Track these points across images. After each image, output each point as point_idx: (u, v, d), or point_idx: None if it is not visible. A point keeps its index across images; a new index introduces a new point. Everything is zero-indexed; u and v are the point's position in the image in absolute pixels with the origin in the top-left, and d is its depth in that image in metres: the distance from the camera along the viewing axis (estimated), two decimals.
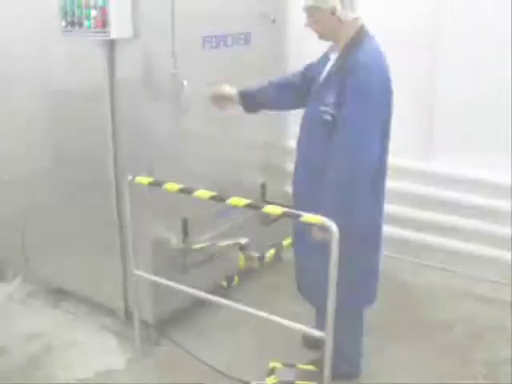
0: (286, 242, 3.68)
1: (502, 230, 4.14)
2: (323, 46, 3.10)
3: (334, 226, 2.66)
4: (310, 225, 2.85)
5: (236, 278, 4.17)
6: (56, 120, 3.76)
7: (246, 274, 4.31)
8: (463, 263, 4.36)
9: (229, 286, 4.15)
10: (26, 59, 3.75)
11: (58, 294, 4.26)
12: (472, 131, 4.13)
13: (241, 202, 2.93)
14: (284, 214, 2.81)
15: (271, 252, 3.54)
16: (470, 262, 4.34)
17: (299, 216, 2.77)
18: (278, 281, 4.51)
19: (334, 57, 3.01)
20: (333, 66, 2.98)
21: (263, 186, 4.35)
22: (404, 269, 4.63)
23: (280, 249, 3.65)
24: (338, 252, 2.67)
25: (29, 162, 4.02)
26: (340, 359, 3.20)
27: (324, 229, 2.70)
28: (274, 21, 4.04)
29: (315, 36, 2.99)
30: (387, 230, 4.38)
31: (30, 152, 3.98)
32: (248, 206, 2.92)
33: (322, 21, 2.91)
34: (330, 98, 2.88)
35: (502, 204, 4.14)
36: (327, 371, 2.87)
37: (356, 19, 2.92)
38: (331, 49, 3.08)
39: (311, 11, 2.93)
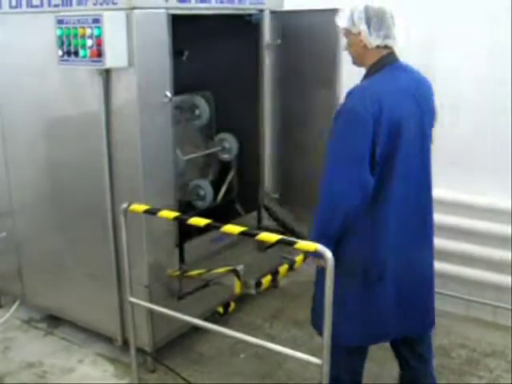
0: (283, 268, 3.66)
1: (501, 253, 4.12)
2: None
3: (328, 253, 2.66)
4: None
5: (232, 305, 4.17)
6: (54, 147, 3.77)
7: (243, 299, 4.31)
8: (462, 287, 4.34)
9: (225, 312, 4.14)
10: (26, 88, 3.78)
11: (55, 321, 4.26)
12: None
13: (235, 229, 2.93)
14: (278, 242, 2.81)
15: (267, 278, 3.51)
16: (469, 286, 4.31)
17: (294, 243, 2.77)
18: (275, 306, 4.51)
19: None
20: None
21: (259, 212, 4.37)
22: None
23: (277, 275, 3.63)
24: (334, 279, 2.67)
25: (26, 190, 4.03)
26: None
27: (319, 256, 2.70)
28: None
29: None
30: None
31: (27, 180, 3.99)
32: (242, 233, 2.92)
33: (353, 45, 2.90)
34: None
35: (501, 228, 4.12)
36: None
37: (382, 48, 2.84)
38: None
39: (345, 34, 2.92)
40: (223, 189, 4.41)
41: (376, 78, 2.85)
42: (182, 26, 3.42)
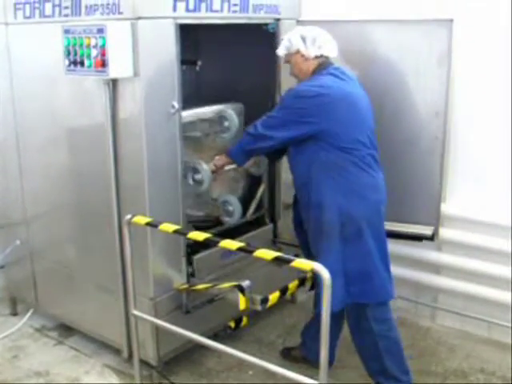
0: (293, 284, 3.57)
1: None
2: None
3: (324, 272, 2.57)
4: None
5: (245, 319, 4.08)
6: (65, 157, 3.76)
7: (258, 314, 4.22)
8: (483, 308, 4.16)
9: (237, 327, 4.06)
10: (39, 97, 3.79)
11: (67, 330, 4.25)
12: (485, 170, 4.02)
13: (234, 245, 2.86)
14: (275, 259, 2.73)
15: (275, 295, 3.42)
16: (489, 307, 4.14)
17: (291, 261, 2.69)
18: (290, 322, 4.42)
19: None
20: None
21: (274, 226, 4.30)
22: (421, 313, 4.47)
23: (286, 291, 3.54)
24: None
25: (39, 199, 4.05)
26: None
27: None
28: None
29: None
30: (404, 272, 4.31)
31: (40, 189, 4.00)
32: (240, 249, 2.85)
33: (295, 64, 3.41)
34: None
35: None
36: None
37: (319, 57, 3.35)
38: None
39: (287, 60, 3.46)
40: (253, 204, 4.20)
41: (316, 76, 3.33)
42: (194, 35, 3.38)
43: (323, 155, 3.23)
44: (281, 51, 3.44)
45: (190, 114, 3.70)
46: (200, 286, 3.53)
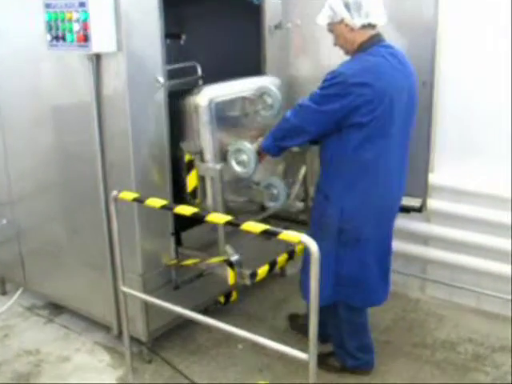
0: (282, 258, 3.56)
1: (509, 244, 3.95)
2: None
3: (313, 245, 2.56)
4: None
5: (234, 294, 4.09)
6: (50, 135, 3.71)
7: (248, 289, 4.22)
8: (471, 278, 4.19)
9: (226, 301, 4.06)
10: (22, 75, 3.72)
11: (57, 309, 4.25)
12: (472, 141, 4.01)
13: (221, 219, 2.85)
14: (263, 232, 2.71)
15: (264, 269, 3.41)
16: (478, 278, 4.16)
17: (279, 233, 2.67)
18: (280, 296, 4.43)
19: None
20: None
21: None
22: (410, 284, 4.49)
23: (275, 265, 3.53)
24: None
25: (25, 178, 4.00)
26: (343, 353, 3.52)
27: None
28: None
29: None
30: (394, 244, 4.31)
31: (26, 168, 3.96)
32: (227, 223, 2.83)
33: (340, 35, 3.10)
34: None
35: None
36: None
37: (367, 27, 3.03)
38: None
39: (330, 29, 3.13)
40: (296, 186, 3.78)
41: (366, 55, 3.04)
42: (178, 9, 3.33)
43: (347, 151, 3.06)
44: (322, 20, 3.10)
45: (227, 92, 3.49)
46: (189, 262, 3.52)
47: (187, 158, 3.41)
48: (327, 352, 3.59)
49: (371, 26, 3.05)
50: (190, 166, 3.41)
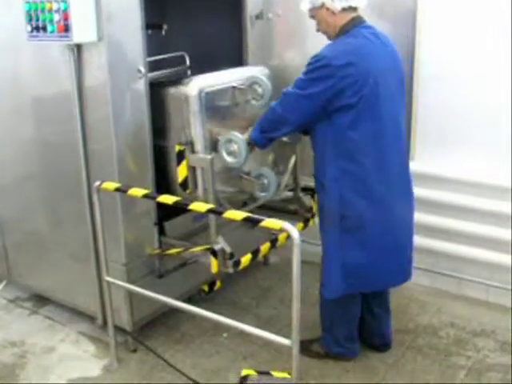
0: (265, 246, 3.58)
1: (491, 230, 4.01)
2: None
3: (294, 232, 2.59)
4: None
5: (218, 283, 4.12)
6: (31, 126, 3.71)
7: (231, 277, 4.25)
8: (453, 264, 4.24)
9: (210, 290, 4.09)
10: (1, 64, 3.71)
11: (41, 300, 4.25)
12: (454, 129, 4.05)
13: (202, 207, 2.87)
14: (245, 220, 2.74)
15: (247, 257, 3.43)
16: (459, 264, 4.21)
17: (260, 221, 2.70)
18: (264, 285, 4.46)
19: None
20: None
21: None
22: None
23: (258, 253, 3.55)
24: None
25: (7, 169, 3.99)
26: (330, 339, 3.54)
27: None
28: None
29: None
30: None
31: (8, 158, 3.95)
32: (209, 211, 2.86)
33: (322, 20, 3.12)
34: None
35: (493, 204, 4.00)
36: (296, 373, 2.82)
37: (348, 10, 3.05)
38: None
39: (312, 15, 3.16)
40: (286, 176, 3.77)
41: (347, 37, 3.05)
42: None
43: (338, 135, 3.07)
44: (304, 6, 3.14)
45: (217, 82, 3.47)
46: (172, 251, 3.54)
47: (177, 148, 3.38)
48: (310, 339, 3.62)
49: (352, 8, 3.06)
50: (181, 156, 3.40)
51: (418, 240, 4.28)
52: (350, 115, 3.01)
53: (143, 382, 3.46)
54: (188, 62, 3.95)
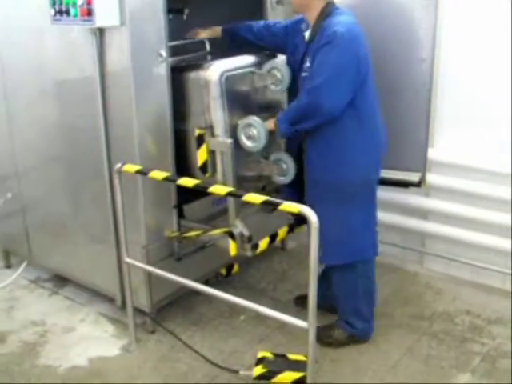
0: (282, 230, 3.62)
1: (507, 218, 4.00)
2: None
3: (312, 215, 2.62)
4: None
5: (236, 267, 4.16)
6: (55, 108, 3.75)
7: (249, 261, 4.30)
8: (469, 252, 4.24)
9: (228, 274, 4.14)
10: (27, 47, 3.75)
11: (61, 281, 4.32)
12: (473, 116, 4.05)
13: (222, 190, 2.91)
14: (263, 203, 2.77)
15: (265, 241, 3.47)
16: (475, 251, 4.22)
17: (279, 204, 2.73)
18: (281, 269, 4.50)
19: (307, 33, 3.29)
20: (308, 38, 3.26)
21: None
22: (408, 258, 4.55)
23: (276, 237, 3.59)
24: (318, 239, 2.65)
25: (30, 151, 4.05)
26: (352, 315, 3.58)
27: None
28: None
29: None
30: (392, 218, 4.38)
31: (31, 141, 4.00)
32: (228, 194, 2.89)
33: (303, 2, 3.23)
34: (307, 63, 3.21)
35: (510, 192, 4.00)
36: (311, 355, 2.86)
37: None
38: (306, 26, 3.33)
39: None
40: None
41: (338, 18, 3.14)
42: None
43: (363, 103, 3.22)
44: None
45: (237, 67, 3.50)
46: (191, 233, 3.58)
47: (197, 132, 3.40)
48: (325, 325, 3.65)
49: None
50: (200, 140, 3.41)
51: (436, 227, 4.34)
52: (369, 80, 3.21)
53: (162, 361, 3.52)
54: (208, 47, 3.97)
